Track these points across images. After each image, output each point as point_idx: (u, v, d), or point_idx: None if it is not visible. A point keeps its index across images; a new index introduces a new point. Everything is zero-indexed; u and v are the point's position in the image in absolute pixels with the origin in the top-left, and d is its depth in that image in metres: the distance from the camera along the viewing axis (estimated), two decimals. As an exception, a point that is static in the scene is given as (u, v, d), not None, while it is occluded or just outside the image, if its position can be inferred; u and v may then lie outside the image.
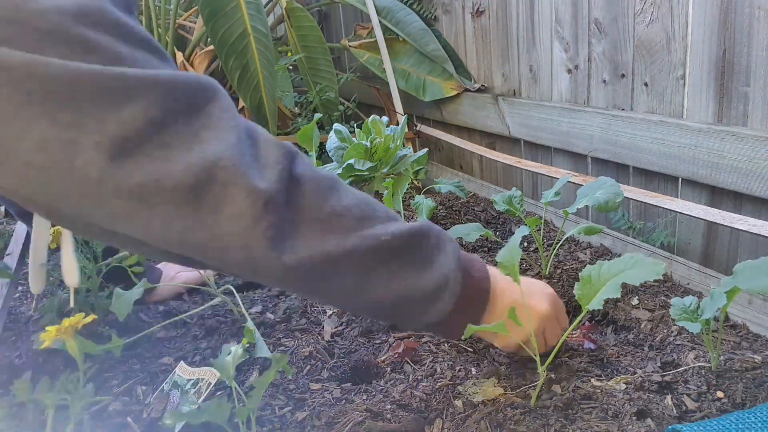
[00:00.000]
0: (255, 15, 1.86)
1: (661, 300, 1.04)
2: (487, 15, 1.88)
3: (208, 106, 0.57)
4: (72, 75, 0.49)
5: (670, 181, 1.37)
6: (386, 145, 1.28)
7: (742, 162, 1.16)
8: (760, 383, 0.78)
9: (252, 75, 1.89)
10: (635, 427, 0.70)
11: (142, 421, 0.82)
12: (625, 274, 0.71)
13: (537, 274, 1.16)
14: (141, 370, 0.94)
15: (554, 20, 1.60)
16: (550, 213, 1.48)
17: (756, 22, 1.12)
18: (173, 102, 0.54)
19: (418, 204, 1.51)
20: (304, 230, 0.60)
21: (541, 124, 1.68)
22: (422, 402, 0.80)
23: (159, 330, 1.06)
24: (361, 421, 0.76)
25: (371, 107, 2.49)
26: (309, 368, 0.93)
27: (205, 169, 0.54)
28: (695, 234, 1.36)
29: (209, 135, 0.55)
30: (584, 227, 1.12)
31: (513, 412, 0.74)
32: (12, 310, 1.18)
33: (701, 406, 0.75)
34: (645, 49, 1.36)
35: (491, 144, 1.97)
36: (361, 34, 2.34)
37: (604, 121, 1.47)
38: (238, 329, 1.06)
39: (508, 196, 1.23)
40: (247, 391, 0.83)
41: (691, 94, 1.29)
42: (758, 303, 0.94)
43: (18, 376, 0.92)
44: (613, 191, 1.07)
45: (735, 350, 0.88)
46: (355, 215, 0.63)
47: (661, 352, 0.89)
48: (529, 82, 1.76)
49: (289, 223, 0.58)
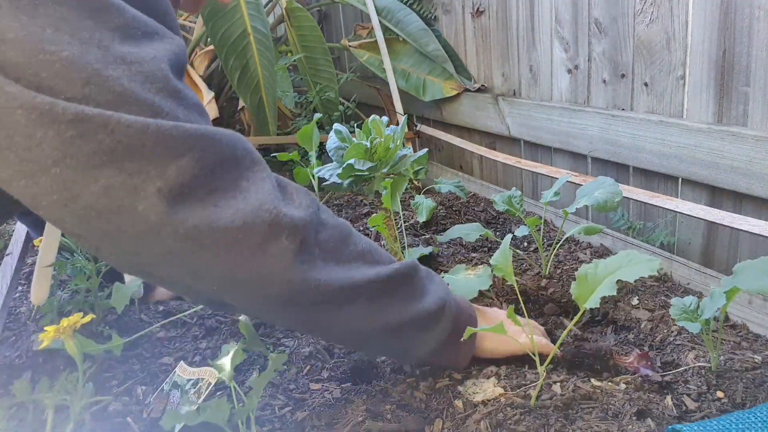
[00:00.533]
0: (255, 15, 1.86)
1: (661, 300, 1.04)
2: (487, 15, 1.88)
3: (244, 159, 0.65)
4: (140, 128, 0.56)
5: (670, 181, 1.37)
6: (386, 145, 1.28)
7: (742, 162, 1.16)
8: (760, 383, 0.78)
9: (252, 75, 1.89)
10: (635, 427, 0.70)
11: (142, 421, 0.82)
12: (621, 272, 0.71)
13: (537, 274, 1.16)
14: (141, 370, 0.94)
15: (554, 20, 1.60)
16: (549, 213, 1.48)
17: (756, 22, 1.12)
18: (220, 154, 0.62)
19: (418, 204, 1.51)
20: (334, 263, 0.70)
21: (541, 124, 1.68)
22: (422, 402, 0.80)
23: (159, 330, 1.06)
24: (361, 421, 0.76)
25: (371, 107, 2.49)
26: (309, 368, 0.93)
27: (251, 213, 0.61)
28: (695, 234, 1.36)
29: (247, 184, 0.63)
30: (584, 227, 1.12)
31: (513, 412, 0.74)
32: (12, 310, 1.18)
33: (701, 406, 0.75)
34: (645, 49, 1.36)
35: (491, 144, 1.97)
36: (361, 34, 2.34)
37: (604, 121, 1.47)
38: (238, 329, 1.06)
39: (508, 196, 1.23)
40: (247, 391, 0.83)
41: (691, 94, 1.29)
42: (758, 303, 0.94)
43: (18, 376, 0.92)
44: (612, 191, 1.07)
45: (735, 350, 0.88)
46: (369, 259, 0.75)
47: (661, 352, 0.89)
48: (529, 82, 1.76)
49: (320, 259, 0.68)
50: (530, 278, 1.14)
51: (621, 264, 0.72)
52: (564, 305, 1.06)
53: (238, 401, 0.78)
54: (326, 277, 0.68)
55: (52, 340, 0.73)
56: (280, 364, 0.74)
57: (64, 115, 0.54)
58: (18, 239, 1.28)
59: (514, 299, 1.07)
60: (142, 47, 0.60)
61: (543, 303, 1.07)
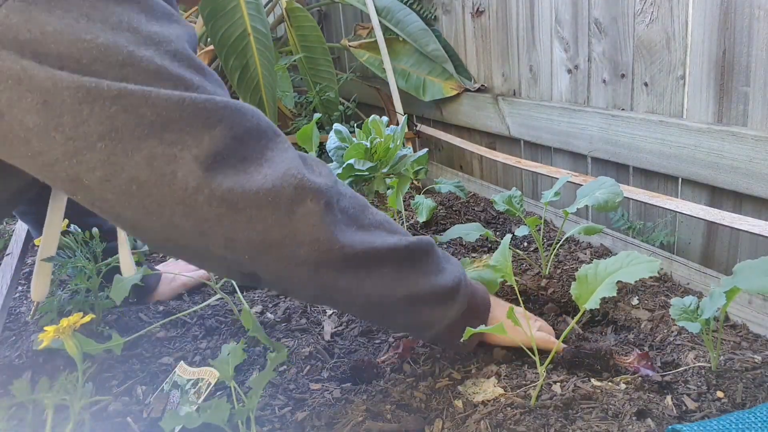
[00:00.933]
0: (255, 15, 1.85)
1: (661, 300, 1.04)
2: (487, 15, 1.88)
3: (267, 131, 0.69)
4: (177, 101, 0.61)
5: (670, 181, 1.37)
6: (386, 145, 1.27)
7: (742, 162, 1.16)
8: (760, 383, 0.78)
9: (252, 75, 1.89)
10: (635, 427, 0.70)
11: (142, 421, 0.82)
12: (621, 272, 0.71)
13: (537, 274, 1.16)
14: (141, 370, 0.94)
15: (554, 20, 1.60)
16: (550, 213, 1.48)
17: (756, 22, 1.12)
18: (247, 125, 0.66)
19: (418, 204, 1.51)
20: (355, 228, 0.72)
21: (541, 124, 1.68)
22: (422, 402, 0.80)
23: (159, 330, 1.06)
24: (361, 421, 0.76)
25: (371, 107, 2.49)
26: (309, 368, 0.93)
27: (279, 177, 0.65)
28: (695, 234, 1.36)
29: (272, 153, 0.67)
30: (584, 227, 1.12)
31: (513, 412, 0.74)
32: (12, 310, 1.18)
33: (701, 406, 0.75)
34: (645, 49, 1.36)
35: (491, 144, 1.97)
36: (361, 34, 2.34)
37: (604, 121, 1.47)
38: (238, 329, 1.06)
39: (508, 196, 1.23)
40: (247, 391, 0.83)
41: (691, 94, 1.29)
42: (758, 303, 0.94)
43: (18, 376, 0.92)
44: (613, 191, 1.07)
45: (735, 350, 0.88)
46: (387, 227, 0.77)
47: (661, 352, 0.89)
48: (529, 82, 1.76)
49: (343, 222, 0.70)
50: (530, 278, 1.14)
51: (621, 264, 0.73)
52: (564, 305, 1.06)
53: (238, 401, 0.78)
54: (350, 240, 0.70)
55: (51, 340, 0.73)
56: (281, 361, 0.74)
57: (109, 91, 0.58)
58: (18, 239, 1.29)
59: (513, 299, 1.07)
60: (165, 27, 0.64)
61: (543, 303, 1.07)
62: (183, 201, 0.61)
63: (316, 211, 0.66)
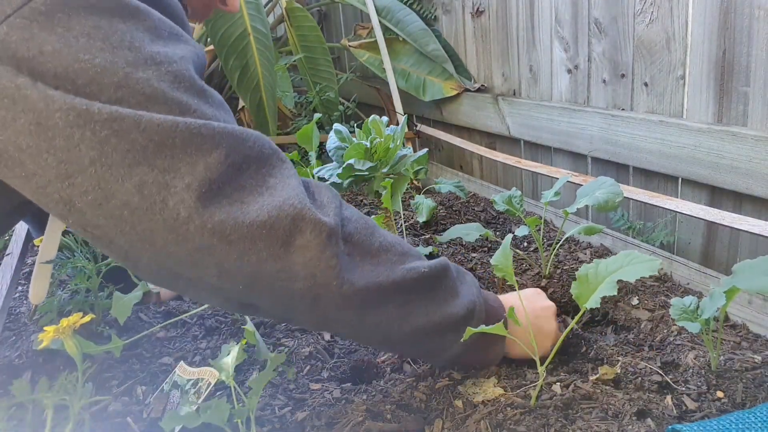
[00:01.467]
0: (255, 15, 1.86)
1: (661, 300, 1.04)
2: (487, 15, 1.88)
3: (271, 157, 0.66)
4: (170, 126, 0.59)
5: (670, 181, 1.37)
6: (386, 145, 1.27)
7: (742, 162, 1.16)
8: (760, 383, 0.78)
9: (252, 75, 1.89)
10: (635, 427, 0.70)
11: (142, 421, 0.82)
12: (621, 272, 0.71)
13: (537, 274, 1.16)
14: (141, 370, 0.94)
15: (554, 20, 1.60)
16: (550, 213, 1.48)
17: (756, 22, 1.12)
18: (247, 152, 0.63)
19: (418, 204, 1.51)
20: (359, 262, 0.69)
21: (541, 123, 1.68)
22: (422, 402, 0.80)
23: (159, 330, 1.06)
24: (361, 421, 0.76)
25: (371, 107, 2.49)
26: (309, 368, 0.93)
27: (277, 208, 0.62)
28: (695, 234, 1.36)
29: (274, 181, 0.65)
30: (584, 227, 1.12)
31: (513, 412, 0.74)
32: (12, 310, 1.18)
33: (701, 406, 0.75)
34: (645, 49, 1.36)
35: (491, 144, 1.97)
36: (361, 34, 2.34)
37: (604, 121, 1.47)
38: (238, 329, 1.06)
39: (508, 196, 1.23)
40: (247, 391, 0.83)
41: (691, 94, 1.29)
42: (758, 303, 0.94)
43: (18, 376, 0.92)
44: (613, 191, 1.07)
45: (735, 350, 0.88)
46: (398, 251, 0.73)
47: (661, 352, 0.89)
48: (529, 82, 1.76)
49: (346, 255, 0.67)
50: (530, 278, 1.14)
51: (621, 264, 0.72)
52: (564, 305, 1.06)
53: (238, 401, 0.78)
54: (351, 276, 0.67)
55: (51, 340, 0.73)
56: (280, 363, 0.74)
57: (100, 114, 0.57)
58: (18, 239, 1.28)
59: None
60: (169, 47, 0.63)
61: (543, 303, 1.07)
62: (174, 230, 0.59)
63: (314, 244, 0.63)
